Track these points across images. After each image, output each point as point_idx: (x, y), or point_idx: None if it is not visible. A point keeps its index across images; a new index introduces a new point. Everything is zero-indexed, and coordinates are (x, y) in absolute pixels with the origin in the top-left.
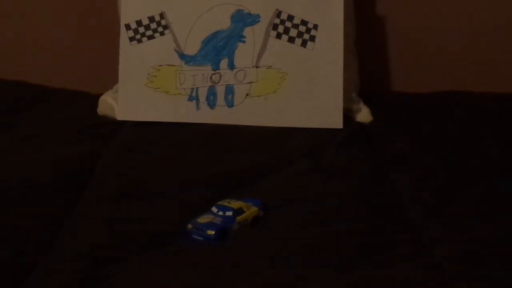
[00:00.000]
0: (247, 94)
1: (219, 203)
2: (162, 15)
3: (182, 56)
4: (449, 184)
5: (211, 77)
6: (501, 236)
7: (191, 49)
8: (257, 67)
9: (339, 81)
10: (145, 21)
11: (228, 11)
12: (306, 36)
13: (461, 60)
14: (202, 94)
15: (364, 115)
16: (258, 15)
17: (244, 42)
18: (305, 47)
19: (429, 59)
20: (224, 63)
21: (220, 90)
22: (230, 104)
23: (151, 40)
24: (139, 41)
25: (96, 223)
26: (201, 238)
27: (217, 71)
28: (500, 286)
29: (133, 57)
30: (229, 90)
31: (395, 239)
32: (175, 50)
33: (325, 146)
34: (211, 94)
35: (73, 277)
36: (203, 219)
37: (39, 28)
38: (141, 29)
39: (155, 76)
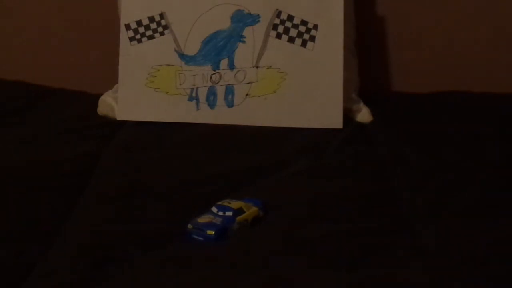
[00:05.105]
0: (247, 94)
1: (219, 203)
2: (162, 15)
3: (182, 56)
4: (448, 184)
5: (211, 77)
6: (501, 237)
7: (191, 49)
8: (257, 67)
9: (339, 81)
10: (145, 21)
11: (228, 11)
12: (306, 36)
13: (461, 60)
14: (202, 94)
15: (364, 115)
16: (258, 15)
17: (244, 42)
18: (305, 47)
19: (429, 59)
20: (224, 63)
21: (220, 90)
22: (230, 104)
23: (151, 40)
24: (139, 41)
25: (96, 223)
26: (201, 238)
27: (217, 71)
28: (499, 286)
29: (133, 57)
30: (229, 90)
31: (395, 239)
32: (175, 50)
33: (325, 146)
34: (211, 94)
35: (73, 277)
36: (203, 219)
37: (39, 28)
38: (141, 29)
39: (155, 76)
